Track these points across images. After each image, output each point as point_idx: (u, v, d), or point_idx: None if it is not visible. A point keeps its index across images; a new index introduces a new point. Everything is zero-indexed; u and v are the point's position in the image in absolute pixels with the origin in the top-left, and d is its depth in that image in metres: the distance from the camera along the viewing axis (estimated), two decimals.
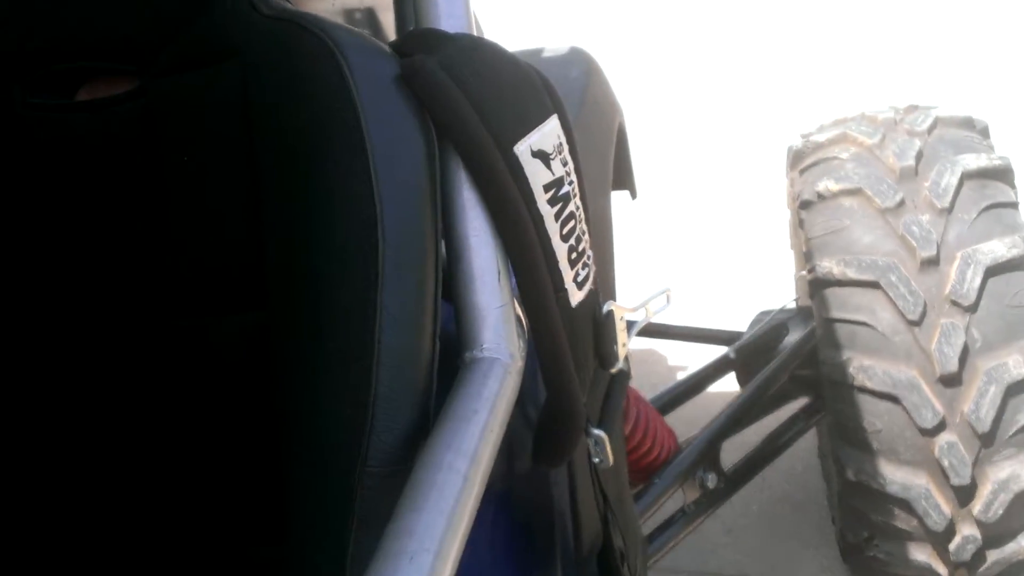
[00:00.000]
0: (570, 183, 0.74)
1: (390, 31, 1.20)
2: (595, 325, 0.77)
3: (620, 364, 0.80)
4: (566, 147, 0.74)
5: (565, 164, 0.73)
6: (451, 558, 0.52)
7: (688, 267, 2.81)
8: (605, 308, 0.78)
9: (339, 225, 0.62)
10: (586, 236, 0.76)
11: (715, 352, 1.73)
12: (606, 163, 1.21)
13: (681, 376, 1.69)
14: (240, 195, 0.70)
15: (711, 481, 1.44)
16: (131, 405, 0.78)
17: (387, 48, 0.69)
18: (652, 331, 1.81)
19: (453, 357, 0.68)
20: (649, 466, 1.38)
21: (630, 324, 0.82)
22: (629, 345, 0.82)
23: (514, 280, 0.70)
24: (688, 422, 1.78)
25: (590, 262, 0.76)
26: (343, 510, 0.60)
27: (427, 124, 0.67)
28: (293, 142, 0.66)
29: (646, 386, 2.23)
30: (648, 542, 1.26)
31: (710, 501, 1.45)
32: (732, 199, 3.10)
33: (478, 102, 0.66)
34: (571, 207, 0.73)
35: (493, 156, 0.66)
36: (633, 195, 1.53)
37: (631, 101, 1.50)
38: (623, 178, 1.48)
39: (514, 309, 0.70)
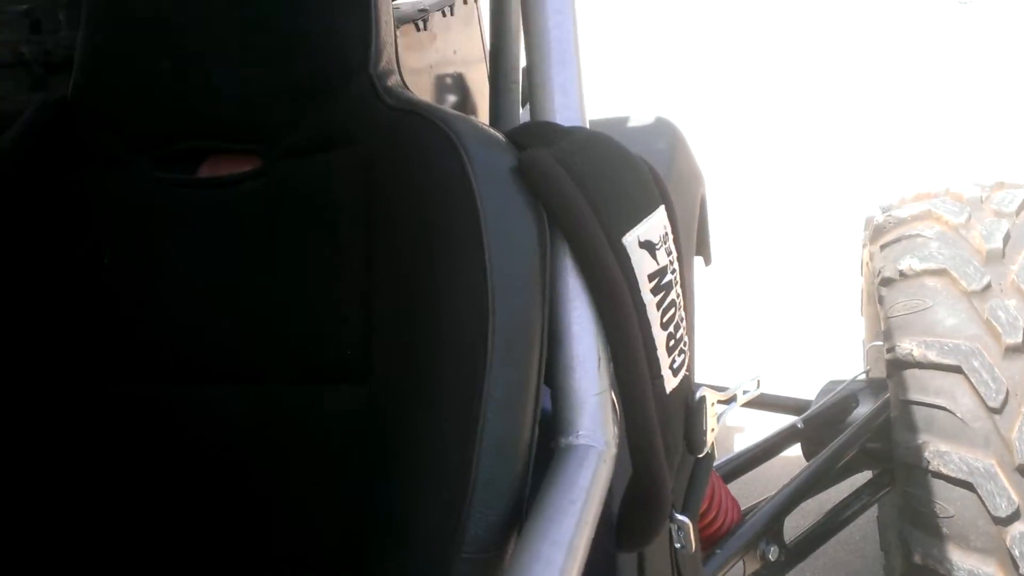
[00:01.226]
0: (673, 271, 0.75)
1: (476, 93, 1.22)
2: (687, 411, 0.77)
3: (707, 448, 0.80)
4: (671, 236, 0.75)
5: (670, 253, 0.74)
6: None
7: (757, 333, 2.79)
8: (698, 394, 0.78)
9: (453, 313, 0.64)
10: (684, 323, 0.76)
11: (781, 420, 1.71)
12: (691, 235, 1.21)
13: (742, 440, 1.67)
14: (355, 275, 0.72)
15: (772, 554, 1.42)
16: (226, 462, 0.80)
17: (504, 140, 0.71)
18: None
19: (547, 441, 0.69)
20: (712, 535, 1.37)
21: (719, 411, 0.82)
22: (716, 432, 0.82)
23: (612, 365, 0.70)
24: (746, 487, 1.77)
25: (686, 348, 0.77)
26: None
27: (541, 215, 0.68)
28: (412, 228, 0.68)
29: None
30: None
31: (771, 573, 1.43)
32: (803, 266, 3.08)
33: (591, 195, 0.68)
34: (672, 295, 0.74)
35: (603, 248, 0.68)
36: (708, 262, 1.53)
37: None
38: (700, 245, 1.48)
39: (610, 396, 0.71)
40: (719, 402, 0.81)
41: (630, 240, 0.69)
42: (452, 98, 1.13)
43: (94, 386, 0.82)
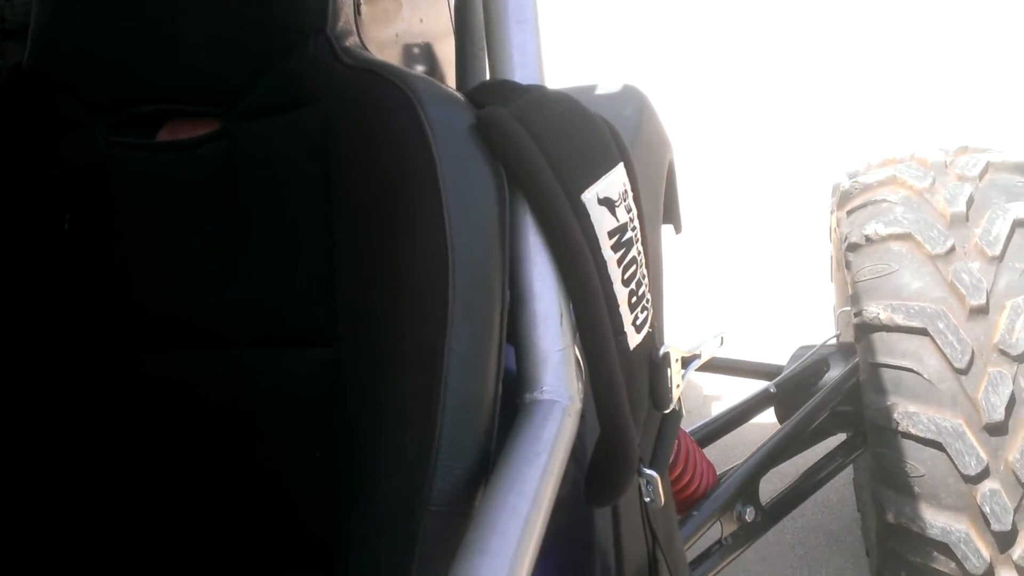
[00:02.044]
0: (633, 229, 0.76)
1: (444, 62, 1.23)
2: (651, 367, 0.79)
3: (673, 404, 0.82)
4: (631, 194, 0.76)
5: (629, 211, 0.75)
6: None
7: (728, 300, 2.81)
8: (662, 350, 0.79)
9: (411, 270, 0.65)
10: (646, 280, 0.78)
11: (754, 385, 1.74)
12: (657, 201, 1.23)
13: (720, 408, 1.70)
14: (317, 236, 0.73)
15: (749, 514, 1.44)
16: (196, 428, 0.81)
17: (462, 99, 0.71)
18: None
19: (512, 398, 0.70)
20: (688, 499, 1.39)
21: (684, 365, 0.84)
22: (682, 388, 0.83)
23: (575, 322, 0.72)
24: (724, 453, 1.79)
25: (649, 305, 0.78)
26: (404, 548, 0.62)
27: (499, 173, 0.69)
28: (371, 188, 0.69)
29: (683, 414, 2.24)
30: None
31: (748, 534, 1.45)
32: (772, 233, 3.10)
33: (549, 152, 0.69)
34: (633, 252, 0.75)
35: (563, 205, 0.69)
36: (678, 230, 1.55)
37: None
38: (670, 213, 1.49)
39: (574, 352, 0.72)
40: (684, 359, 0.83)
41: (589, 197, 0.70)
42: (420, 68, 1.13)
43: (58, 354, 0.82)
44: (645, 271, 0.78)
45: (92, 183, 0.80)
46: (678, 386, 0.82)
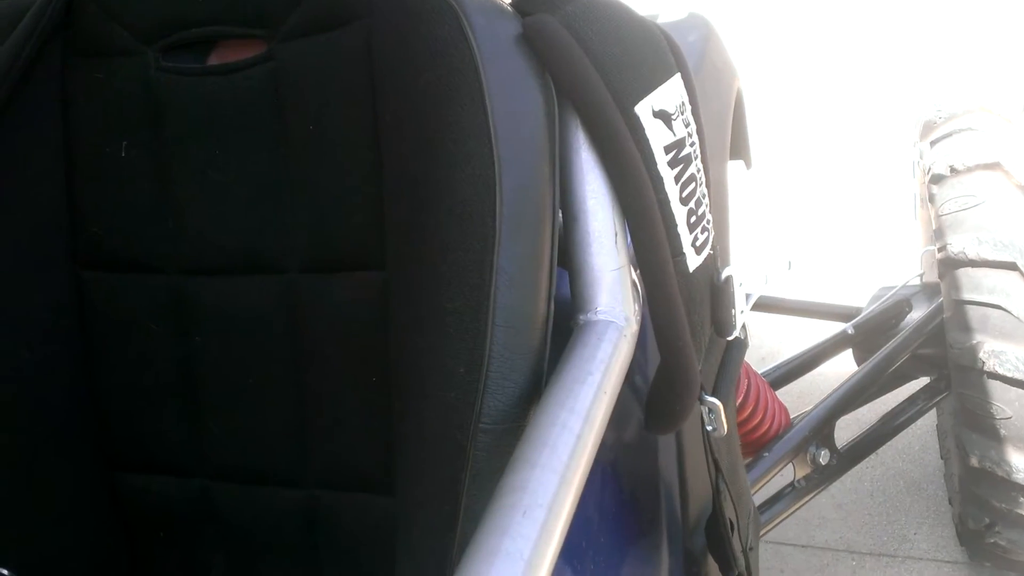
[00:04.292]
0: (691, 144, 0.72)
1: None
2: (712, 291, 0.76)
3: (737, 332, 0.79)
4: (688, 108, 0.73)
5: (687, 125, 0.72)
6: (564, 514, 0.53)
7: (807, 240, 2.73)
8: (724, 274, 0.76)
9: (458, 186, 0.63)
10: (706, 200, 0.75)
11: (832, 328, 1.68)
12: (724, 130, 1.18)
13: (796, 351, 1.65)
14: (363, 157, 0.72)
15: (823, 457, 1.40)
16: (252, 353, 0.81)
17: (508, 7, 0.69)
18: (769, 305, 1.77)
19: (567, 320, 0.69)
20: (759, 440, 1.36)
21: (748, 292, 0.81)
22: (746, 314, 0.80)
23: (631, 243, 0.69)
24: (800, 398, 1.74)
25: (709, 226, 0.75)
26: (457, 465, 0.61)
27: (547, 84, 0.67)
28: (415, 102, 0.67)
29: (757, 360, 2.19)
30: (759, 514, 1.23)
31: (822, 477, 1.41)
32: (853, 169, 2.99)
33: (600, 61, 0.66)
34: (692, 169, 0.72)
35: (614, 116, 0.66)
36: (748, 165, 1.49)
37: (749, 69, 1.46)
38: (739, 147, 1.44)
39: (630, 273, 0.70)
40: (747, 284, 0.80)
41: (643, 109, 0.67)
42: None
43: (122, 278, 0.84)
44: (706, 191, 0.75)
45: (144, 109, 0.80)
46: (742, 312, 0.79)
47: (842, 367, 1.69)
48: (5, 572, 0.84)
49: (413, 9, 0.67)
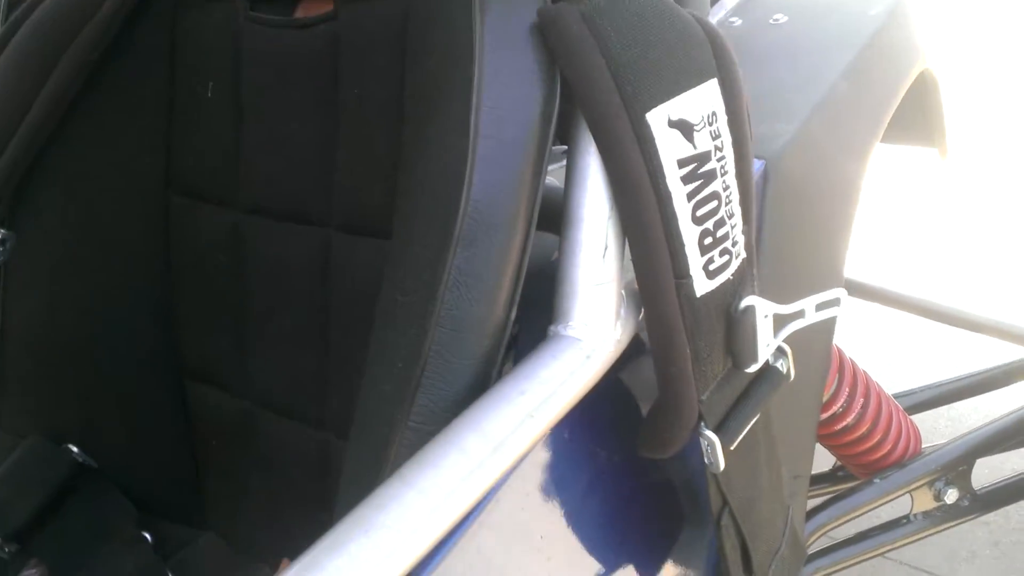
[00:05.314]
0: (720, 159, 0.65)
1: None
2: (728, 320, 0.68)
3: (759, 364, 0.71)
4: (722, 117, 0.65)
5: (716, 137, 0.64)
6: (418, 543, 0.51)
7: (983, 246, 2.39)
8: (743, 303, 0.68)
9: (430, 179, 0.61)
10: (734, 221, 0.67)
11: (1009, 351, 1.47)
12: (876, 117, 1.04)
13: (960, 372, 1.46)
14: (394, 128, 0.71)
15: (949, 496, 1.25)
16: (288, 299, 0.85)
17: None
18: (937, 314, 1.58)
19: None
20: (874, 463, 1.24)
21: (781, 321, 0.72)
22: (771, 347, 0.72)
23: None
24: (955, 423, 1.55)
25: (734, 249, 0.67)
26: (381, 454, 0.61)
27: (554, 79, 0.62)
28: (419, 86, 0.66)
29: (902, 372, 1.97)
30: (805, 550, 1.11)
31: (944, 517, 1.26)
32: None
33: (615, 60, 0.60)
34: (714, 187, 0.65)
35: (619, 123, 0.60)
36: (943, 153, 1.32)
37: None
38: (929, 133, 1.28)
39: (618, 290, 0.65)
40: (780, 313, 0.71)
41: (657, 117, 0.61)
42: None
43: (197, 206, 0.90)
44: (737, 210, 0.67)
45: (228, 55, 0.85)
46: (767, 345, 0.71)
47: (1009, 398, 1.48)
48: (74, 449, 0.96)
49: None
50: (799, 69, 0.99)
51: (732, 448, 0.72)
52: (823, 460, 1.33)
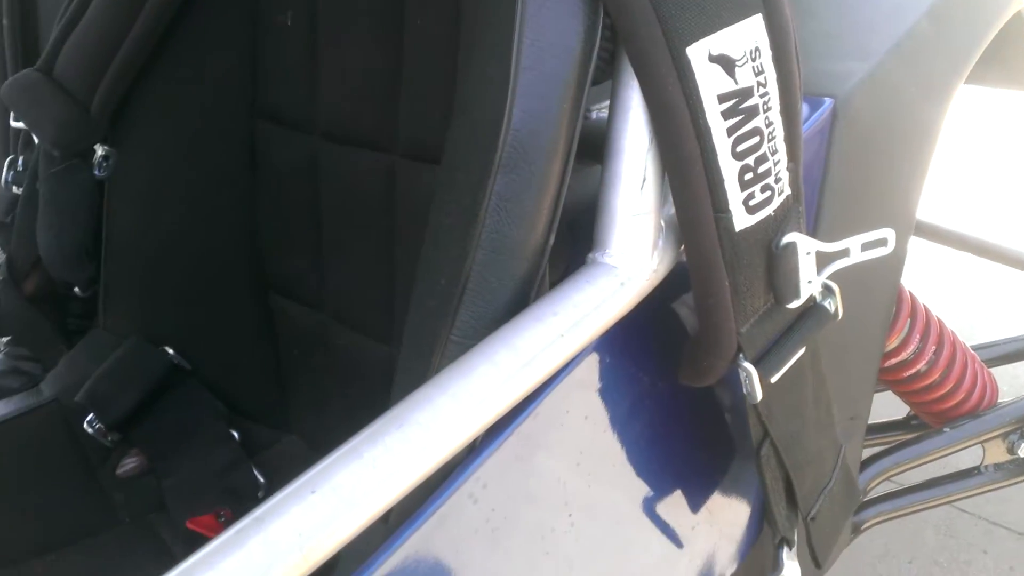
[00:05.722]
0: (763, 95, 0.66)
1: None
2: (769, 255, 0.70)
3: (801, 301, 0.72)
4: (766, 53, 0.65)
5: (759, 73, 0.65)
6: (444, 445, 0.55)
7: None
8: (786, 239, 0.70)
9: (472, 106, 0.64)
10: (777, 157, 0.68)
11: None
12: (960, 58, 1.00)
13: None
14: (452, 56, 0.74)
15: (1023, 450, 1.23)
16: (357, 220, 0.91)
17: None
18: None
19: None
20: (946, 412, 1.22)
21: (827, 260, 0.73)
22: (816, 284, 0.73)
23: None
24: None
25: (776, 185, 0.68)
26: (426, 364, 0.65)
27: (595, 15, 0.64)
28: (471, 18, 0.68)
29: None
30: (858, 491, 1.11)
31: (1018, 470, 1.24)
32: None
33: None
34: (756, 123, 0.66)
35: (660, 57, 0.62)
36: None
37: None
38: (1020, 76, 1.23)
39: (657, 221, 0.67)
40: (824, 251, 0.72)
41: (697, 51, 0.62)
42: None
43: (278, 131, 0.96)
44: (781, 146, 0.68)
45: None
46: (809, 282, 0.72)
47: None
48: (170, 351, 1.05)
49: None
50: (880, 7, 0.97)
51: (773, 382, 0.74)
52: (897, 409, 1.33)
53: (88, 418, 1.01)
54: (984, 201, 2.38)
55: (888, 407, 1.34)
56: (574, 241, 0.70)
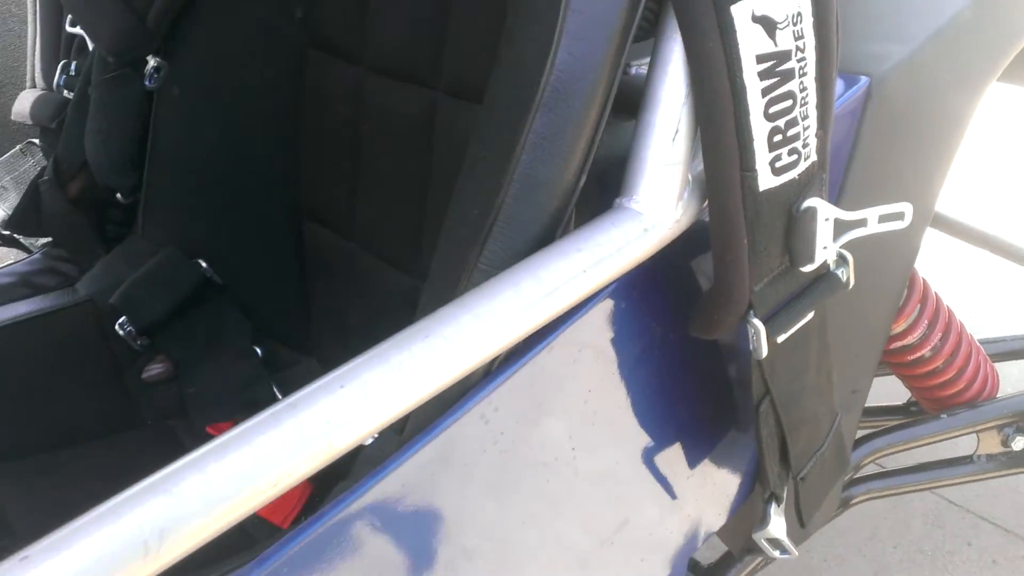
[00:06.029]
0: (800, 60, 0.68)
1: None
2: (788, 218, 0.73)
3: (815, 265, 0.75)
4: (807, 19, 0.68)
5: (799, 38, 0.67)
6: (465, 359, 0.59)
7: None
8: (806, 203, 0.72)
9: (518, 45, 0.66)
10: (808, 123, 0.70)
11: None
12: (997, 52, 1.02)
13: None
14: (496, 4, 0.76)
15: (1018, 443, 1.26)
16: (395, 150, 0.94)
17: None
18: None
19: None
20: (945, 400, 1.25)
21: (844, 228, 0.76)
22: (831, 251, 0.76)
23: None
24: None
25: (804, 150, 0.71)
26: (452, 288, 0.69)
27: None
28: None
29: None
30: (849, 460, 1.13)
31: (1010, 462, 1.27)
32: None
33: None
34: (790, 87, 0.68)
35: (704, 12, 0.64)
36: None
37: None
38: None
39: (685, 174, 0.70)
40: (842, 218, 0.75)
41: (741, 10, 0.64)
42: None
43: (328, 59, 0.99)
44: (812, 112, 0.71)
45: None
46: (824, 247, 0.75)
47: None
48: (203, 264, 1.09)
49: None
50: None
51: (780, 341, 0.77)
52: (898, 394, 1.36)
53: (120, 320, 1.05)
54: (1004, 199, 2.38)
55: (890, 394, 1.37)
56: (601, 191, 0.73)
